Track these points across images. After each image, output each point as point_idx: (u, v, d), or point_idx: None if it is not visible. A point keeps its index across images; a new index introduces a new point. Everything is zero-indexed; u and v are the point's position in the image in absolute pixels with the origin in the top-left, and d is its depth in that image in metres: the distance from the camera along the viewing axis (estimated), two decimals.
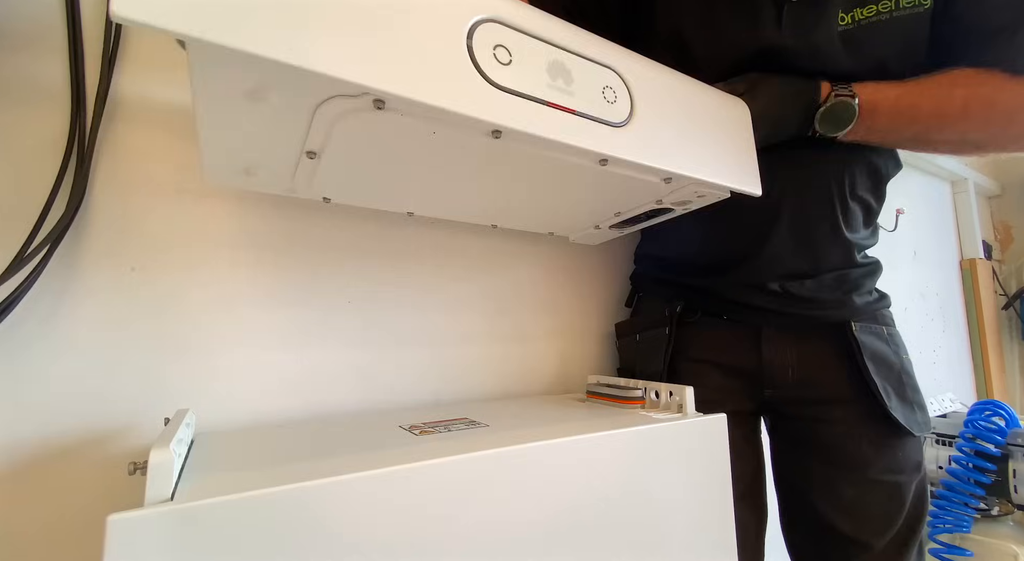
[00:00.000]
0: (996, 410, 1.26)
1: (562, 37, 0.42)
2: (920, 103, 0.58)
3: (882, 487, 0.65)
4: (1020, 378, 2.00)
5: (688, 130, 0.48)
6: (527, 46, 0.39)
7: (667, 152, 0.46)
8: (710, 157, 0.49)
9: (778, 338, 0.68)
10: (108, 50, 0.50)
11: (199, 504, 0.28)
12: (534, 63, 0.39)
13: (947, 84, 0.59)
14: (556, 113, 0.40)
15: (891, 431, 0.65)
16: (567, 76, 0.41)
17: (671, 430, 0.49)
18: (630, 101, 0.44)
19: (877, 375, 0.65)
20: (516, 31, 0.39)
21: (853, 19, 0.59)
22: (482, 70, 0.36)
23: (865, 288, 0.69)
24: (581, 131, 0.41)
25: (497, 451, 0.39)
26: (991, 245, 2.05)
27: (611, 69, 0.44)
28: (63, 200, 0.47)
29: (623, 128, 0.43)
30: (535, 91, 0.39)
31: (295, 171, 0.46)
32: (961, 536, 1.26)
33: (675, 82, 0.50)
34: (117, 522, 0.26)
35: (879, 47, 0.60)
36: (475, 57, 0.36)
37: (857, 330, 0.66)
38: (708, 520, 0.51)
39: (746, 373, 0.69)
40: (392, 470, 0.34)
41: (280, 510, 0.30)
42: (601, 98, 0.42)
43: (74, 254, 0.48)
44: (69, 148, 0.48)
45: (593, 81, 0.42)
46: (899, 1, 0.58)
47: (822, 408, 0.68)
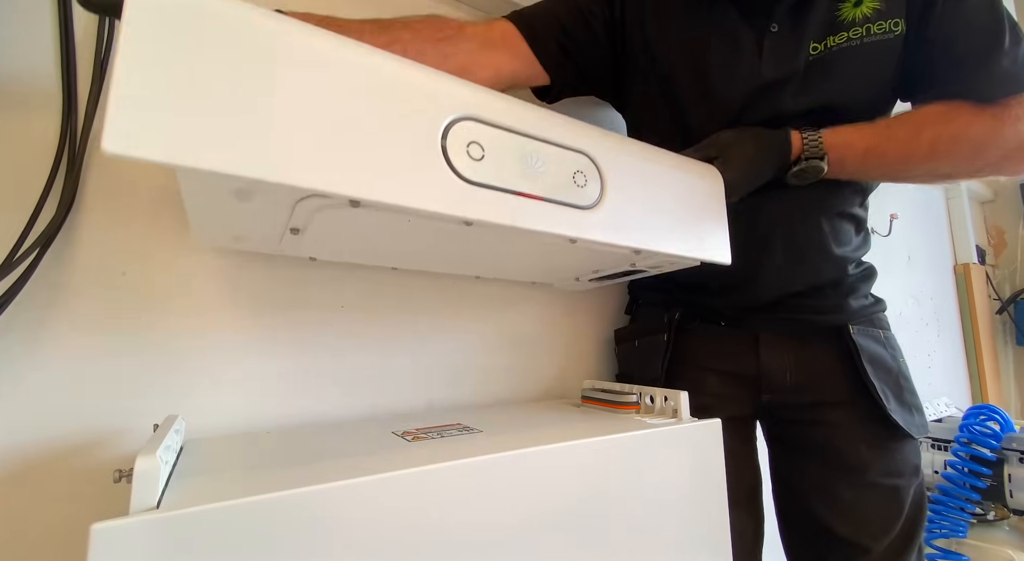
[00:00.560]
0: (991, 414, 1.26)
1: (535, 126, 0.43)
2: (888, 150, 0.60)
3: (880, 490, 0.65)
4: (1015, 382, 2.01)
5: (658, 206, 0.50)
6: (500, 140, 0.40)
7: (635, 230, 0.47)
8: (679, 231, 0.51)
9: (776, 343, 0.68)
10: (100, 52, 0.50)
11: (184, 512, 0.27)
12: (506, 155, 0.41)
13: (914, 126, 0.59)
14: (526, 202, 0.41)
15: (889, 434, 0.65)
16: (539, 164, 0.42)
17: (666, 435, 0.49)
18: (600, 183, 0.46)
19: (876, 378, 0.65)
20: (490, 126, 0.40)
21: (825, 46, 0.60)
22: (455, 168, 0.37)
23: (861, 292, 0.70)
24: (550, 217, 0.42)
25: (490, 457, 0.38)
26: (984, 250, 2.06)
27: (582, 153, 0.45)
28: (53, 203, 0.46)
29: (592, 210, 0.45)
30: (506, 183, 0.40)
31: (281, 240, 0.48)
32: (957, 541, 1.26)
33: (646, 158, 0.51)
34: (101, 531, 0.26)
35: (851, 74, 0.60)
36: (448, 156, 0.37)
37: (855, 333, 0.66)
38: (703, 525, 0.50)
39: (744, 378, 0.69)
40: (383, 476, 0.33)
41: (269, 518, 0.30)
42: (571, 183, 0.44)
43: (64, 257, 0.47)
44: (60, 150, 0.47)
45: (564, 167, 0.44)
46: (870, 28, 0.59)
47: (820, 411, 0.68)
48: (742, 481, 0.68)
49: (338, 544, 0.31)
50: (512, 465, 0.39)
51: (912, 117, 0.60)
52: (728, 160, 0.58)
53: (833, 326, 0.67)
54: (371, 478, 0.33)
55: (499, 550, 0.38)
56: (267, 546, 0.29)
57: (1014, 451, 1.21)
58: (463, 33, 0.59)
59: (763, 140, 0.60)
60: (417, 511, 0.34)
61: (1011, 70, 0.56)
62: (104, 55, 0.50)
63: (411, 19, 0.57)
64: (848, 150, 0.60)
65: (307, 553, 0.30)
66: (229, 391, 0.54)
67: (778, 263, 0.65)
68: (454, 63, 0.57)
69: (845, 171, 0.61)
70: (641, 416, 0.57)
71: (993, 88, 0.57)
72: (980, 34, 0.56)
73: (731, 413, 0.63)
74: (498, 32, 0.63)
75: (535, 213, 0.41)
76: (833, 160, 0.60)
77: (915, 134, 0.59)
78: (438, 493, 0.35)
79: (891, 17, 0.58)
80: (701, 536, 0.50)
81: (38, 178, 0.46)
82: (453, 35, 0.58)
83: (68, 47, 0.49)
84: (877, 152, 0.60)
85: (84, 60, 0.50)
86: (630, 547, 0.45)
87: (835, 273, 0.67)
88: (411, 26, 0.56)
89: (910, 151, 0.59)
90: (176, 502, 0.28)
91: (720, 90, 0.64)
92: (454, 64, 0.57)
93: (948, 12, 0.57)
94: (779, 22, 0.61)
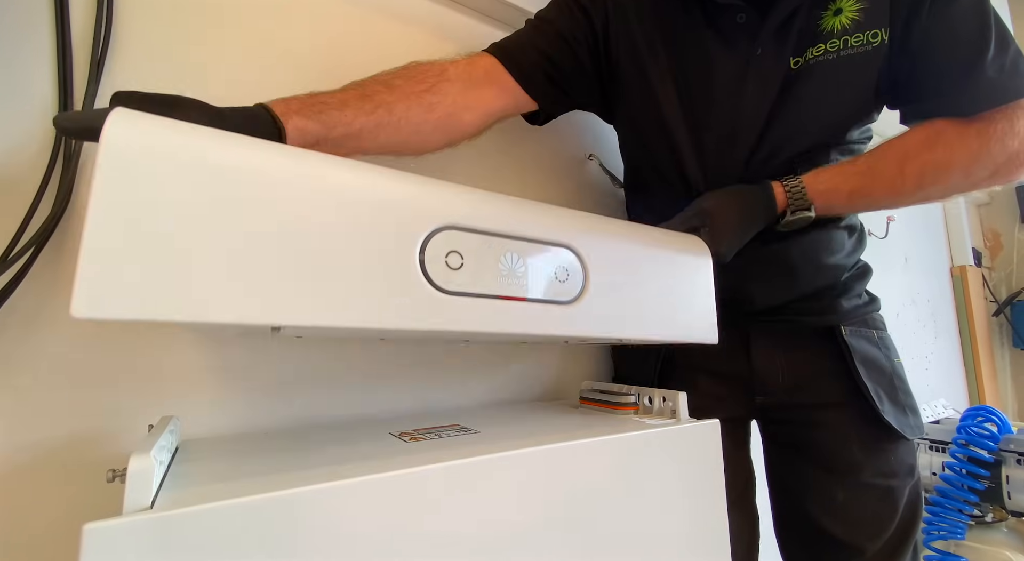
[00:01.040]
0: (988, 416, 1.27)
1: (517, 225, 0.41)
2: (874, 189, 0.59)
3: (874, 491, 0.65)
4: (1012, 384, 2.01)
5: (643, 293, 0.48)
6: (480, 245, 0.39)
7: (619, 320, 0.46)
8: (665, 316, 0.49)
9: (767, 344, 0.68)
10: (96, 53, 0.50)
11: (178, 513, 0.27)
12: (487, 260, 0.39)
13: (897, 161, 0.58)
14: (507, 304, 0.39)
15: (883, 435, 0.65)
16: (520, 264, 0.41)
17: (664, 436, 0.49)
18: (583, 275, 0.44)
19: (868, 379, 0.65)
20: (470, 232, 0.38)
21: (805, 59, 0.59)
22: (433, 281, 0.36)
23: (854, 291, 0.69)
24: (531, 318, 0.40)
25: (488, 457, 0.38)
26: (981, 252, 2.07)
27: (565, 246, 0.44)
28: (49, 201, 0.46)
29: (575, 303, 0.43)
30: (486, 288, 0.39)
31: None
32: (956, 543, 1.26)
33: (631, 242, 0.50)
34: (93, 531, 0.25)
35: (830, 88, 0.59)
36: (427, 270, 0.36)
37: (847, 334, 0.66)
38: (702, 526, 0.50)
39: (737, 379, 0.69)
40: (380, 477, 0.33)
41: (264, 518, 0.29)
42: (553, 279, 0.42)
43: (59, 257, 0.47)
44: (56, 150, 0.47)
45: (546, 264, 0.42)
46: (848, 40, 0.57)
47: (813, 412, 0.68)
48: (736, 482, 0.68)
49: (334, 545, 0.31)
50: (510, 466, 0.39)
51: (894, 149, 0.59)
52: (714, 230, 0.57)
53: (825, 327, 0.67)
54: (368, 479, 0.33)
55: (498, 551, 0.37)
56: (262, 547, 0.29)
57: (1011, 452, 1.21)
58: (445, 77, 0.57)
59: (746, 202, 0.60)
60: (414, 512, 0.34)
61: (996, 80, 0.54)
62: (100, 55, 0.50)
63: (390, 75, 0.55)
64: (834, 195, 0.59)
65: (302, 554, 0.30)
66: (226, 392, 0.53)
67: (770, 278, 0.65)
68: (441, 111, 0.56)
69: (834, 213, 0.61)
70: (640, 417, 0.57)
71: (976, 102, 0.55)
72: (964, 44, 0.54)
73: (725, 415, 0.62)
74: (481, 69, 0.61)
75: (516, 316, 0.40)
76: (820, 207, 0.60)
77: (899, 170, 0.58)
78: (436, 494, 0.35)
79: (871, 28, 0.57)
80: (700, 537, 0.50)
81: (34, 176, 0.46)
82: (435, 82, 0.56)
83: (65, 46, 0.49)
84: (863, 193, 0.60)
85: (80, 61, 0.49)
86: (629, 548, 0.44)
87: (828, 280, 0.67)
88: (392, 84, 0.54)
89: (897, 187, 0.59)
90: (170, 502, 0.28)
91: (706, 120, 0.63)
92: (441, 112, 0.56)
93: (933, 21, 0.55)
94: (764, 45, 0.60)
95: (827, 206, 0.60)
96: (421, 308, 0.35)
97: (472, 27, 0.79)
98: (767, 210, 0.60)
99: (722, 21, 0.61)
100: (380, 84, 0.53)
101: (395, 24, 0.71)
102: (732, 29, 0.60)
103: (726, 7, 0.59)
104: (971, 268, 1.91)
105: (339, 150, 0.49)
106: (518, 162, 0.80)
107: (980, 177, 0.57)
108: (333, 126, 0.47)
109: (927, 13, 0.55)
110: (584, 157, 0.88)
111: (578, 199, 0.87)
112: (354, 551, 0.32)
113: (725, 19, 0.60)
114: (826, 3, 0.58)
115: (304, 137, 0.45)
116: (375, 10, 0.70)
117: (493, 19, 0.81)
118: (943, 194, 0.60)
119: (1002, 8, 1.55)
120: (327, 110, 0.47)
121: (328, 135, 0.47)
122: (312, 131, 0.46)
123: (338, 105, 0.48)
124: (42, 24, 0.49)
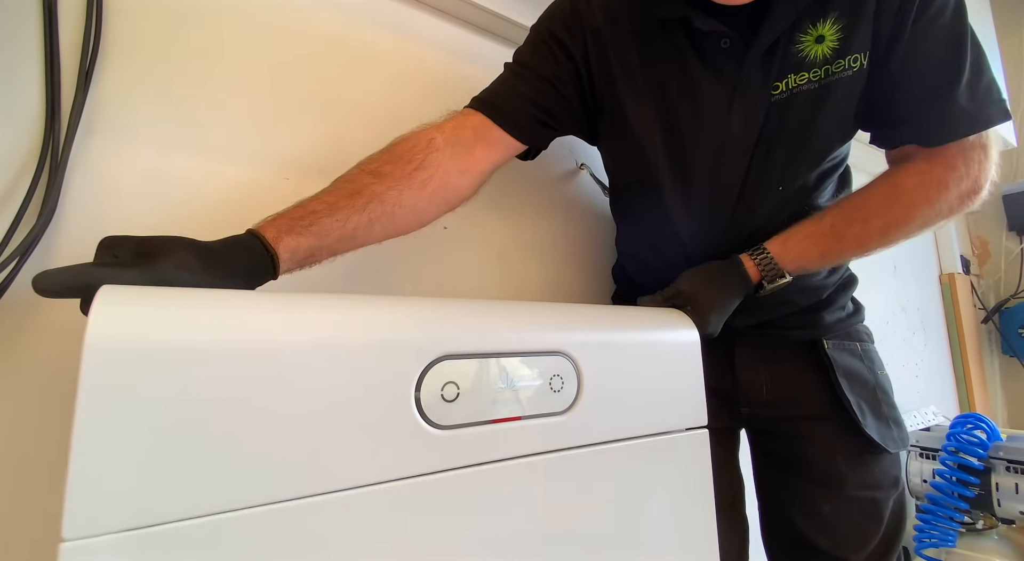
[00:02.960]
0: (978, 423, 1.28)
1: (512, 339, 0.41)
2: (843, 249, 0.61)
3: (858, 503, 0.65)
4: (1001, 391, 2.03)
5: (636, 387, 0.48)
6: (475, 370, 0.39)
7: (613, 422, 0.46)
8: (657, 406, 0.49)
9: (751, 357, 0.69)
10: (85, 64, 0.50)
11: (159, 529, 0.27)
12: (482, 385, 0.39)
13: (860, 220, 0.59)
14: (502, 427, 0.39)
15: (867, 447, 0.65)
16: (515, 380, 0.41)
17: (652, 445, 0.49)
18: (577, 381, 0.44)
19: (851, 392, 0.65)
20: (465, 358, 0.38)
21: (787, 86, 0.58)
22: (430, 420, 0.36)
23: (838, 303, 0.70)
24: (524, 435, 0.40)
25: (477, 468, 0.38)
26: (969, 260, 2.09)
27: (560, 353, 0.43)
28: (34, 213, 0.46)
29: (569, 412, 0.43)
30: (482, 415, 0.38)
31: None
32: (947, 550, 1.26)
33: (624, 333, 0.49)
34: (71, 550, 0.25)
35: (811, 116, 0.58)
36: (423, 409, 0.36)
37: (829, 347, 0.66)
38: (690, 535, 0.50)
39: (721, 391, 0.69)
40: (367, 489, 0.33)
41: (249, 533, 0.29)
42: (548, 389, 0.42)
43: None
44: (42, 161, 0.47)
45: (542, 374, 0.42)
46: (829, 69, 0.56)
47: (797, 425, 0.68)
48: (725, 491, 0.68)
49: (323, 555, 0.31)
50: (499, 474, 0.39)
51: (855, 208, 0.60)
52: (697, 310, 0.57)
53: (807, 340, 0.67)
54: (361, 490, 0.33)
55: (486, 559, 0.37)
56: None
57: (1001, 460, 1.22)
58: (433, 147, 0.56)
59: (721, 279, 0.60)
60: (400, 522, 0.34)
61: (967, 109, 0.54)
62: (89, 66, 0.50)
63: (377, 162, 0.54)
64: (805, 260, 0.60)
65: None
66: None
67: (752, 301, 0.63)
68: (435, 185, 0.56)
69: (807, 272, 0.62)
70: None
71: (943, 133, 0.55)
72: (939, 70, 0.54)
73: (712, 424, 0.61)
74: (470, 130, 0.60)
75: (510, 435, 0.39)
76: (794, 271, 0.60)
77: (863, 228, 0.59)
78: (424, 505, 0.35)
79: (852, 53, 0.56)
80: (689, 546, 0.50)
81: (19, 188, 0.46)
82: (424, 156, 0.55)
83: (53, 57, 0.49)
84: (833, 252, 0.61)
85: (69, 71, 0.49)
86: (617, 556, 0.44)
87: (812, 298, 0.68)
88: (380, 172, 0.53)
89: (863, 243, 0.60)
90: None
91: (694, 151, 0.62)
92: (435, 186, 0.56)
93: (910, 46, 0.54)
94: (749, 72, 0.58)
95: (801, 268, 0.61)
96: (417, 451, 0.35)
97: (464, 37, 0.80)
98: (743, 282, 0.60)
99: (706, 46, 0.59)
100: (368, 174, 0.53)
101: (388, 29, 0.72)
102: (717, 54, 0.59)
103: (709, 33, 0.57)
104: (959, 276, 1.92)
105: (335, 253, 0.50)
106: (512, 174, 0.81)
107: (936, 222, 0.59)
108: (326, 234, 0.48)
109: (908, 34, 0.54)
110: (575, 166, 0.89)
111: (570, 208, 0.87)
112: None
113: (709, 44, 0.59)
114: (806, 29, 0.56)
115: (296, 255, 0.46)
116: (365, 15, 0.70)
117: (479, 27, 0.82)
118: (904, 239, 0.61)
119: (987, 24, 1.57)
120: (318, 220, 0.47)
121: (322, 244, 0.48)
122: (305, 247, 0.46)
123: (328, 210, 0.48)
124: (30, 34, 0.49)
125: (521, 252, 0.81)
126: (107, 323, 0.27)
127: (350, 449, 0.33)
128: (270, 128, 0.61)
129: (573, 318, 0.48)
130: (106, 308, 0.28)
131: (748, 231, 0.63)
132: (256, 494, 0.29)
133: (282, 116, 0.62)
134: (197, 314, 0.30)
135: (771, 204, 0.62)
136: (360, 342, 0.34)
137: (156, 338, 0.28)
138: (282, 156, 0.61)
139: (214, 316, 0.31)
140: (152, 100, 0.54)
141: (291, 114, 0.63)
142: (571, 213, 0.88)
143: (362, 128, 0.68)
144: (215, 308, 0.31)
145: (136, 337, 0.28)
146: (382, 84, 0.70)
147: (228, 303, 0.32)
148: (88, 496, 0.25)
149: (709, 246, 0.64)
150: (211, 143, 0.57)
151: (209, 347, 0.29)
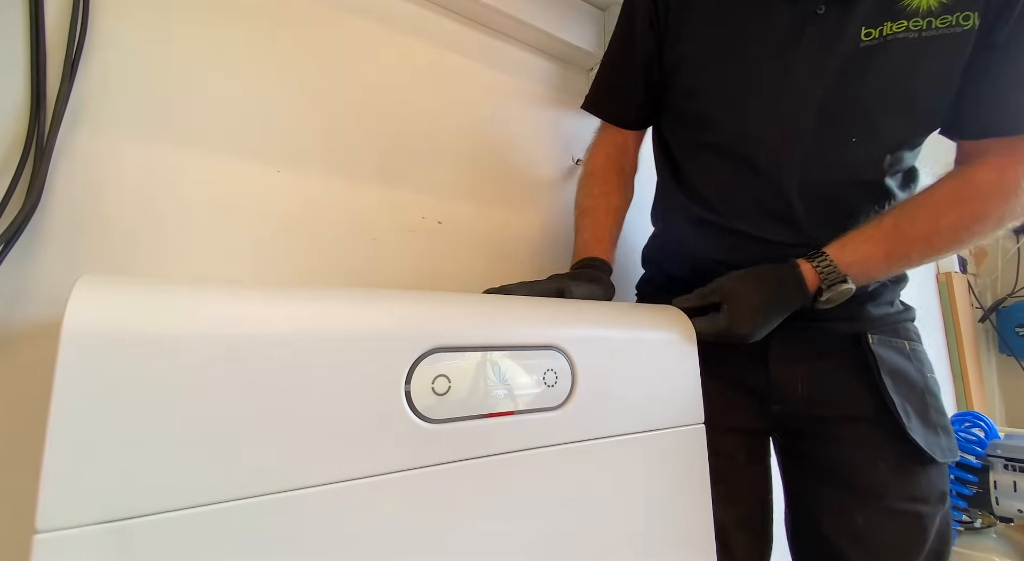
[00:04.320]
0: (975, 421, 1.27)
1: (505, 334, 0.41)
2: (910, 250, 0.56)
3: (900, 517, 0.58)
4: (998, 390, 2.03)
5: (630, 383, 0.47)
6: (467, 363, 0.38)
7: (607, 418, 0.45)
8: (651, 403, 0.49)
9: (787, 350, 0.62)
10: (71, 52, 0.49)
11: (131, 522, 0.26)
12: (474, 378, 0.38)
13: (931, 217, 0.55)
14: (495, 421, 0.39)
15: (911, 455, 0.58)
16: (508, 374, 0.40)
17: (648, 440, 0.48)
18: (571, 377, 0.43)
19: (896, 393, 0.59)
20: (456, 351, 0.38)
21: (880, 33, 0.53)
22: (419, 412, 0.35)
23: (884, 298, 0.64)
24: (518, 430, 0.40)
25: (475, 461, 0.37)
26: (966, 260, 2.09)
27: (553, 347, 0.43)
28: (18, 202, 0.45)
29: (563, 407, 0.42)
30: (474, 409, 0.38)
31: None
32: None
33: (618, 328, 0.49)
34: (45, 542, 0.24)
35: (903, 69, 0.53)
36: (413, 402, 0.35)
37: (874, 343, 0.60)
38: (685, 532, 0.49)
39: (753, 387, 0.64)
40: (354, 483, 0.32)
41: (240, 523, 0.28)
42: (541, 383, 0.41)
43: (27, 258, 0.46)
44: (27, 150, 0.46)
45: (535, 369, 0.41)
46: (932, 22, 0.51)
47: (834, 426, 0.61)
48: (748, 498, 0.63)
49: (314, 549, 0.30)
50: (490, 469, 0.38)
51: (921, 205, 0.56)
52: (734, 310, 0.53)
53: (851, 334, 0.61)
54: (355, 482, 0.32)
55: (483, 554, 0.36)
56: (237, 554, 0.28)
57: (999, 458, 1.21)
58: (610, 171, 0.71)
59: (771, 286, 0.55)
60: (389, 516, 0.33)
61: None
62: (75, 55, 0.49)
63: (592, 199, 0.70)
64: (868, 264, 0.55)
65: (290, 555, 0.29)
66: None
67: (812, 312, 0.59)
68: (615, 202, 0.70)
69: (873, 279, 0.58)
70: None
71: None
72: None
73: (737, 424, 0.57)
74: (619, 147, 0.73)
75: (503, 431, 0.39)
76: (857, 275, 0.55)
77: (933, 226, 0.55)
78: (421, 499, 0.34)
79: (960, 10, 0.50)
80: (685, 542, 0.49)
81: (3, 177, 0.45)
82: (610, 189, 0.71)
83: (38, 47, 0.48)
84: (899, 254, 0.56)
85: (55, 59, 0.49)
86: (614, 551, 0.44)
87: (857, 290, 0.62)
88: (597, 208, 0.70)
89: (934, 242, 0.55)
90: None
91: (750, 84, 0.58)
92: (616, 203, 0.70)
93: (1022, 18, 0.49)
94: (828, 4, 0.54)
95: (866, 273, 0.55)
96: (406, 445, 0.34)
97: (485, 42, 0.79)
98: (797, 288, 0.55)
99: None
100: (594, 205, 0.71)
101: (380, 22, 0.71)
102: None
103: None
104: (957, 275, 1.93)
105: None
106: (506, 170, 0.80)
107: (1010, 222, 0.55)
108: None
109: (1020, 8, 0.49)
110: (572, 162, 0.88)
111: (565, 204, 0.87)
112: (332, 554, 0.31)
113: None
114: None
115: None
116: (358, 7, 0.69)
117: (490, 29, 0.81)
118: (976, 243, 0.56)
119: None
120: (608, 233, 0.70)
121: None
122: None
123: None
124: (16, 23, 0.48)
125: (515, 248, 0.80)
126: (85, 313, 0.27)
127: (337, 442, 0.32)
128: (260, 120, 0.60)
129: (568, 313, 0.47)
130: (84, 298, 0.27)
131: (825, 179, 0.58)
132: (239, 487, 0.29)
133: (273, 108, 0.61)
134: (179, 305, 0.30)
135: (843, 161, 0.58)
136: (348, 334, 0.34)
137: (136, 328, 0.28)
138: (273, 148, 0.61)
139: (197, 307, 0.30)
140: (138, 91, 0.53)
141: (282, 106, 0.62)
142: (566, 209, 0.87)
143: (354, 121, 0.67)
144: (198, 299, 0.31)
145: (115, 327, 0.27)
146: (374, 76, 0.70)
147: (211, 295, 0.32)
148: (63, 487, 0.25)
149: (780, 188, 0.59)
150: (198, 134, 0.56)
151: (191, 338, 0.29)
